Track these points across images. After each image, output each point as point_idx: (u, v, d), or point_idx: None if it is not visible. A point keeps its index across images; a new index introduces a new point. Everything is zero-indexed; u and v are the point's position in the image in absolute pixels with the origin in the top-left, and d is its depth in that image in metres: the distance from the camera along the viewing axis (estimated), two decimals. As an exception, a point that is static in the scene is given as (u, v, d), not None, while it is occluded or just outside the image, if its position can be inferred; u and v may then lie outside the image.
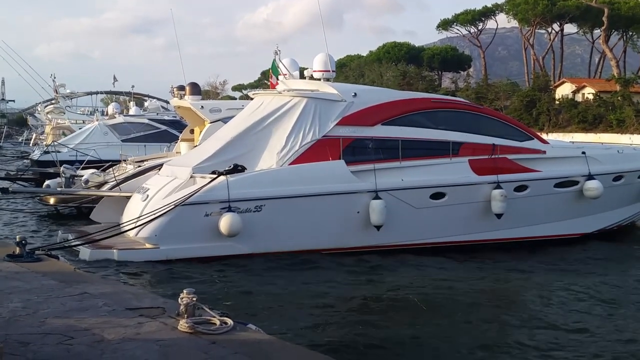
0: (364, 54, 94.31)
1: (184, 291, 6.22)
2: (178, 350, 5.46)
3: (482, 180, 14.26)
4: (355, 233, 13.25)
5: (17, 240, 9.49)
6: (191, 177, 12.91)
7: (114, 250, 12.13)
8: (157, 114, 36.78)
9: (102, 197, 16.41)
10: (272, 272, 11.79)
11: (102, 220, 14.83)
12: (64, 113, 46.64)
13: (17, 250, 9.20)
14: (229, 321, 6.05)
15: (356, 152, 13.77)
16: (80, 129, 35.46)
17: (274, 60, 15.39)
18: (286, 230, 12.77)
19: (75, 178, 18.52)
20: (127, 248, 12.34)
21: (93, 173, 18.32)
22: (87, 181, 18.06)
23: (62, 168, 18.91)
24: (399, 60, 79.52)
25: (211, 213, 12.28)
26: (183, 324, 5.95)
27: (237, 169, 12.72)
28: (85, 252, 12.16)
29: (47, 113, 50.73)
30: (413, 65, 78.26)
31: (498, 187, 14.15)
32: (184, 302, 6.13)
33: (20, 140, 52.19)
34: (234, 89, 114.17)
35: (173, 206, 12.18)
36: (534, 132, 17.52)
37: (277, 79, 15.27)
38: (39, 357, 5.26)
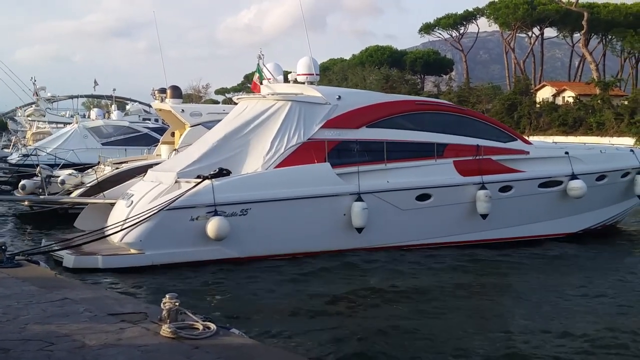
0: (347, 57, 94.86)
1: (167, 296, 6.10)
2: (160, 355, 5.36)
3: (467, 181, 14.31)
4: (342, 235, 13.20)
5: (-3, 246, 9.32)
6: (176, 182, 12.77)
7: (99, 257, 11.98)
8: (139, 116, 36.60)
9: (84, 203, 16.22)
10: (256, 276, 11.69)
11: (87, 228, 14.60)
12: (44, 115, 46.31)
13: (-3, 255, 9.03)
14: (212, 326, 5.95)
15: (341, 154, 13.74)
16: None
17: (259, 64, 15.38)
18: (273, 234, 12.69)
19: (52, 178, 18.30)
20: (112, 254, 12.18)
21: (70, 174, 18.13)
22: (63, 182, 17.87)
23: (38, 168, 18.71)
24: (381, 64, 79.98)
25: (197, 217, 12.18)
26: (165, 329, 5.84)
27: (223, 172, 12.64)
28: (69, 259, 11.99)
29: (28, 116, 50.34)
30: (396, 68, 78.79)
31: (483, 187, 14.22)
32: (167, 307, 6.02)
33: (0, 144, 51.70)
34: (217, 92, 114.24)
35: (157, 210, 12.05)
36: (517, 133, 17.61)
37: (262, 82, 15.23)
38: (19, 363, 5.16)
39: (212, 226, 11.99)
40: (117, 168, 17.59)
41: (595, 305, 10.12)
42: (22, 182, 19.08)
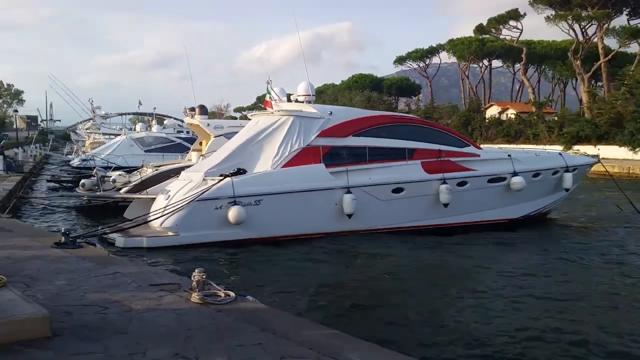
0: (337, 83, 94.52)
1: (196, 270, 6.13)
2: (191, 318, 5.33)
3: (432, 177, 14.26)
4: (334, 221, 13.14)
5: (62, 231, 9.26)
6: (204, 179, 12.74)
7: (143, 238, 11.94)
8: (174, 128, 36.51)
9: (131, 198, 16.16)
10: (267, 253, 11.61)
11: (134, 217, 14.58)
12: (99, 129, 46.20)
13: (62, 239, 8.96)
14: (232, 294, 5.95)
15: (333, 157, 13.68)
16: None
17: (267, 88, 15.36)
18: (279, 219, 12.62)
19: (105, 178, 18.27)
20: (154, 236, 12.14)
21: (119, 174, 18.12)
22: (114, 181, 17.82)
23: (95, 170, 18.68)
24: (364, 88, 79.76)
25: (220, 206, 12.15)
26: (195, 297, 5.83)
27: (240, 171, 12.65)
28: (120, 240, 11.96)
29: (86, 129, 50.20)
30: (375, 92, 78.60)
31: (444, 182, 14.18)
32: (196, 279, 6.03)
33: (64, 152, 51.52)
34: (235, 110, 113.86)
35: (189, 201, 12.03)
36: (471, 140, 17.58)
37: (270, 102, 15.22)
38: (80, 324, 5.12)
39: (232, 213, 11.97)
40: (156, 170, 17.51)
41: (532, 277, 10.08)
42: (82, 181, 18.97)
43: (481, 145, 17.68)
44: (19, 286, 6.09)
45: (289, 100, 15.43)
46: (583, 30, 55.49)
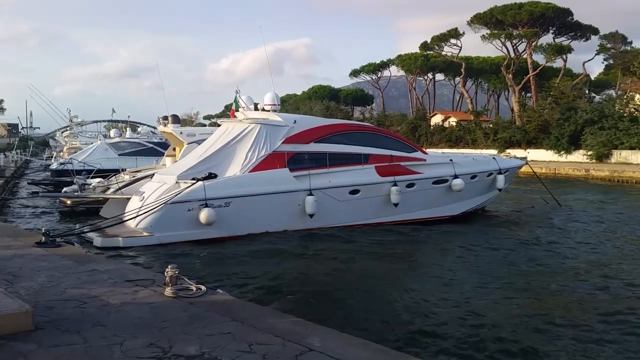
0: (299, 93, 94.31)
1: (169, 266, 6.04)
2: (165, 310, 5.26)
3: (384, 180, 14.45)
4: (297, 220, 13.14)
5: (43, 231, 8.97)
6: (176, 182, 12.47)
7: (120, 238, 11.59)
8: (148, 136, 35.77)
9: (108, 199, 15.70)
10: (236, 250, 11.50)
11: (109, 217, 14.16)
12: (77, 136, 44.85)
13: (43, 239, 8.68)
14: (203, 287, 5.90)
15: (296, 162, 13.66)
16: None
17: (236, 96, 15.16)
18: (247, 219, 12.52)
19: (85, 185, 17.68)
20: (130, 236, 11.79)
21: (99, 181, 17.58)
22: (94, 187, 17.28)
23: (75, 178, 18.03)
24: (323, 98, 79.92)
25: (192, 208, 11.92)
26: (168, 291, 5.75)
27: (211, 176, 12.47)
28: (97, 240, 11.57)
29: (65, 137, 48.56)
30: (333, 101, 78.84)
31: (395, 184, 14.39)
32: (169, 274, 5.95)
33: (44, 157, 49.61)
34: (205, 118, 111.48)
35: (163, 204, 11.76)
36: (418, 145, 17.92)
37: (238, 110, 15.05)
38: (61, 317, 4.99)
39: (203, 215, 11.78)
40: (134, 176, 17.05)
41: (469, 262, 10.40)
42: (64, 189, 18.27)
43: (427, 150, 18.03)
44: (2, 283, 5.90)
45: (255, 108, 15.30)
46: (514, 47, 57.44)
